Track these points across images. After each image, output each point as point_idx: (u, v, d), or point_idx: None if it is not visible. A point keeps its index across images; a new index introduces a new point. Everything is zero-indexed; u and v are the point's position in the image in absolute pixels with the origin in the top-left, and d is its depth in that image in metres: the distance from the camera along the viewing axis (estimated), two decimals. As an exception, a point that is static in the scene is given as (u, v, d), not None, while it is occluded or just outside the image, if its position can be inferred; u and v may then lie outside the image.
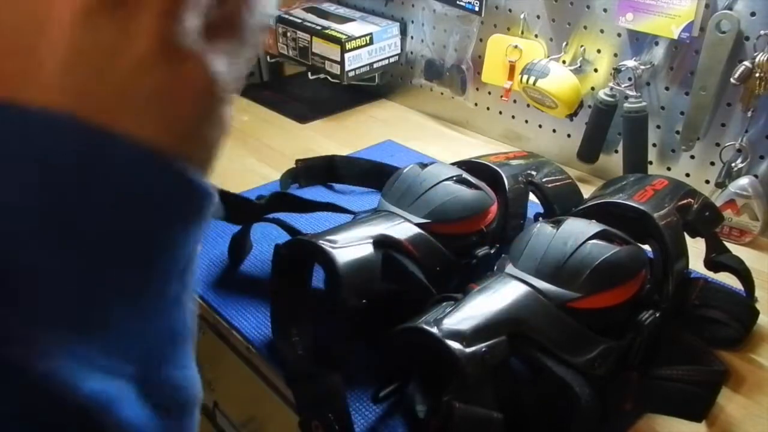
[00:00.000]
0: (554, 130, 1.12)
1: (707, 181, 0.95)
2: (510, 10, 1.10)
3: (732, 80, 0.85)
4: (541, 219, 0.73)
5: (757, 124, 0.87)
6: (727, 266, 0.75)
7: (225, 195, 0.78)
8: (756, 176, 0.88)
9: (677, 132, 0.96)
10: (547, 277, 0.59)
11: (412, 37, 1.29)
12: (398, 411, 0.63)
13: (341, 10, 1.35)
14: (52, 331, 0.21)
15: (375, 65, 1.29)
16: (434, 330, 0.53)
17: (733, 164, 0.89)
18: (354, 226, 0.68)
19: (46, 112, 0.21)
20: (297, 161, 1.02)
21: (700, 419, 0.60)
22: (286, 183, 1.01)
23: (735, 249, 0.85)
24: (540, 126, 1.14)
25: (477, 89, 1.21)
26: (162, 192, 0.23)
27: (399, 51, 1.31)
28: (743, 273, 0.74)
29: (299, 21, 1.31)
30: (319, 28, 1.27)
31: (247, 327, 0.73)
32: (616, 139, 1.03)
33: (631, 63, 0.95)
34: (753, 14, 0.84)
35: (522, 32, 1.10)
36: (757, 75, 0.83)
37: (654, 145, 0.99)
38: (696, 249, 0.74)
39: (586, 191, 0.81)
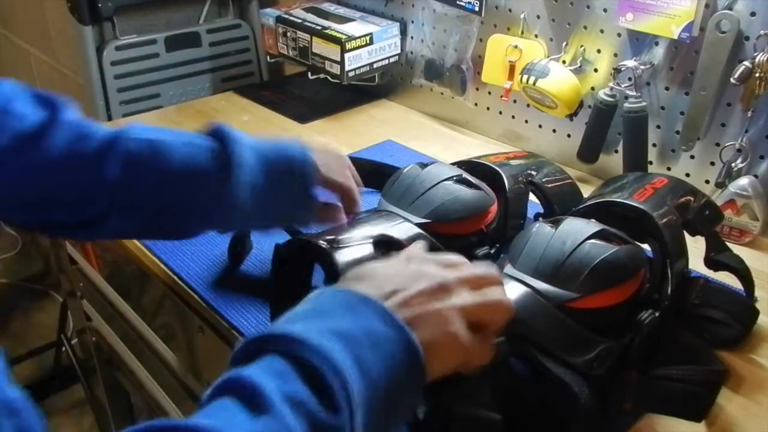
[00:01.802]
0: (554, 130, 1.12)
1: (707, 181, 0.95)
2: (510, 10, 1.10)
3: (732, 80, 0.85)
4: (540, 219, 0.73)
5: (757, 124, 0.87)
6: (726, 265, 0.74)
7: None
8: (756, 176, 0.88)
9: (677, 132, 0.96)
10: (545, 278, 0.59)
11: (412, 37, 1.29)
12: (398, 411, 0.63)
13: (341, 10, 1.35)
14: None
15: (375, 65, 1.29)
16: (434, 330, 0.53)
17: (733, 164, 0.89)
18: (354, 226, 0.68)
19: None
20: (297, 161, 1.02)
21: (700, 419, 0.60)
22: (286, 183, 1.00)
23: (735, 249, 0.85)
24: (540, 126, 1.14)
25: (477, 89, 1.21)
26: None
27: (399, 51, 1.31)
28: (743, 272, 0.74)
29: (299, 21, 1.31)
30: (319, 28, 1.27)
31: (247, 327, 0.73)
32: (616, 139, 1.03)
33: (631, 63, 0.95)
34: (753, 14, 0.84)
35: (522, 32, 1.10)
36: (757, 75, 0.83)
37: (654, 145, 0.99)
38: (696, 248, 0.74)
39: (586, 191, 0.81)
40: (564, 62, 1.05)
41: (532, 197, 0.81)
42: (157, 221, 0.65)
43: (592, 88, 1.04)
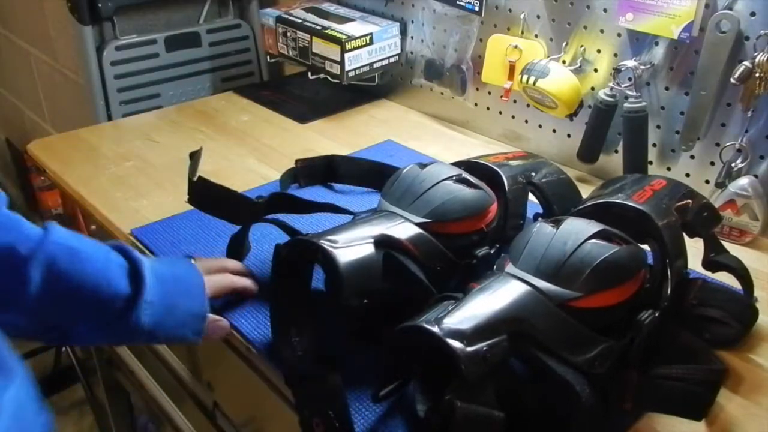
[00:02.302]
0: (554, 130, 1.12)
1: (707, 181, 0.95)
2: (510, 10, 1.10)
3: (732, 80, 0.85)
4: (540, 219, 0.73)
5: (757, 124, 0.87)
6: (725, 266, 0.75)
7: (226, 194, 0.78)
8: (756, 176, 0.89)
9: (677, 132, 0.96)
10: (547, 277, 0.59)
11: (412, 37, 1.29)
12: (398, 411, 0.63)
13: (341, 10, 1.35)
14: None
15: (375, 65, 1.29)
16: (435, 329, 0.53)
17: (733, 164, 0.89)
18: (354, 226, 0.68)
19: None
20: (297, 161, 1.02)
21: (700, 418, 0.60)
22: (286, 183, 1.01)
23: (735, 249, 0.85)
24: (540, 126, 1.14)
25: (477, 89, 1.21)
26: None
27: (399, 51, 1.31)
28: (741, 272, 0.74)
29: (299, 21, 1.31)
30: (319, 28, 1.27)
31: (247, 327, 0.73)
32: (616, 139, 1.03)
33: (631, 63, 0.95)
34: (753, 14, 0.84)
35: (522, 32, 1.10)
36: (757, 75, 0.83)
37: (654, 145, 1.00)
38: (694, 249, 0.74)
39: (586, 191, 0.81)
40: (564, 62, 1.05)
41: (531, 197, 0.81)
42: (51, 324, 0.64)
43: (592, 88, 1.04)
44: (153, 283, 0.65)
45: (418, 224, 0.70)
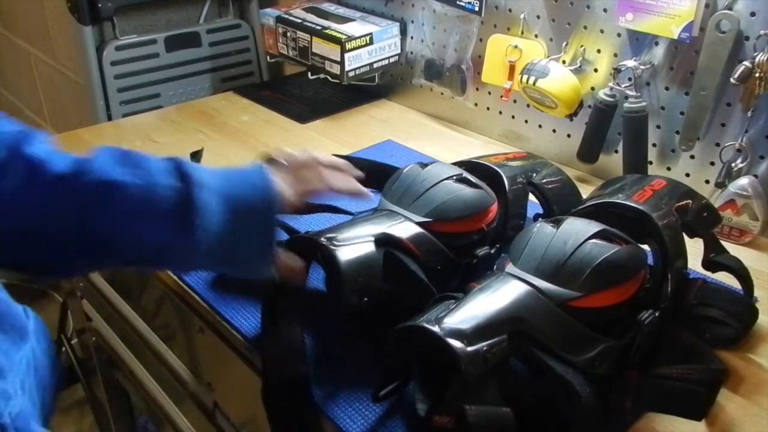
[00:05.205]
0: (554, 130, 1.12)
1: (707, 181, 0.95)
2: (510, 10, 1.10)
3: (732, 80, 0.85)
4: (540, 219, 0.73)
5: (757, 124, 0.87)
6: (725, 266, 0.75)
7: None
8: (756, 176, 0.89)
9: (677, 132, 0.96)
10: (547, 277, 0.59)
11: (412, 37, 1.29)
12: (398, 410, 0.63)
13: (341, 10, 1.35)
14: None
15: (375, 65, 1.29)
16: (435, 328, 0.54)
17: (733, 164, 0.89)
18: (355, 224, 0.68)
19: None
20: (297, 161, 1.02)
21: (700, 418, 0.60)
22: (286, 183, 1.00)
23: (735, 249, 0.85)
24: (540, 126, 1.14)
25: (477, 89, 1.21)
26: None
27: (399, 51, 1.31)
28: (741, 272, 0.74)
29: (299, 21, 1.31)
30: (319, 28, 1.27)
31: (247, 327, 0.73)
32: (616, 139, 1.03)
33: (631, 63, 0.95)
34: (753, 14, 0.84)
35: (522, 32, 1.10)
36: (757, 75, 0.83)
37: (654, 145, 1.00)
38: (694, 249, 0.74)
39: (586, 191, 0.81)
40: (564, 62, 1.05)
41: (531, 197, 0.81)
42: (110, 262, 0.64)
43: (592, 88, 1.04)
44: (213, 208, 0.60)
45: (419, 223, 0.70)
